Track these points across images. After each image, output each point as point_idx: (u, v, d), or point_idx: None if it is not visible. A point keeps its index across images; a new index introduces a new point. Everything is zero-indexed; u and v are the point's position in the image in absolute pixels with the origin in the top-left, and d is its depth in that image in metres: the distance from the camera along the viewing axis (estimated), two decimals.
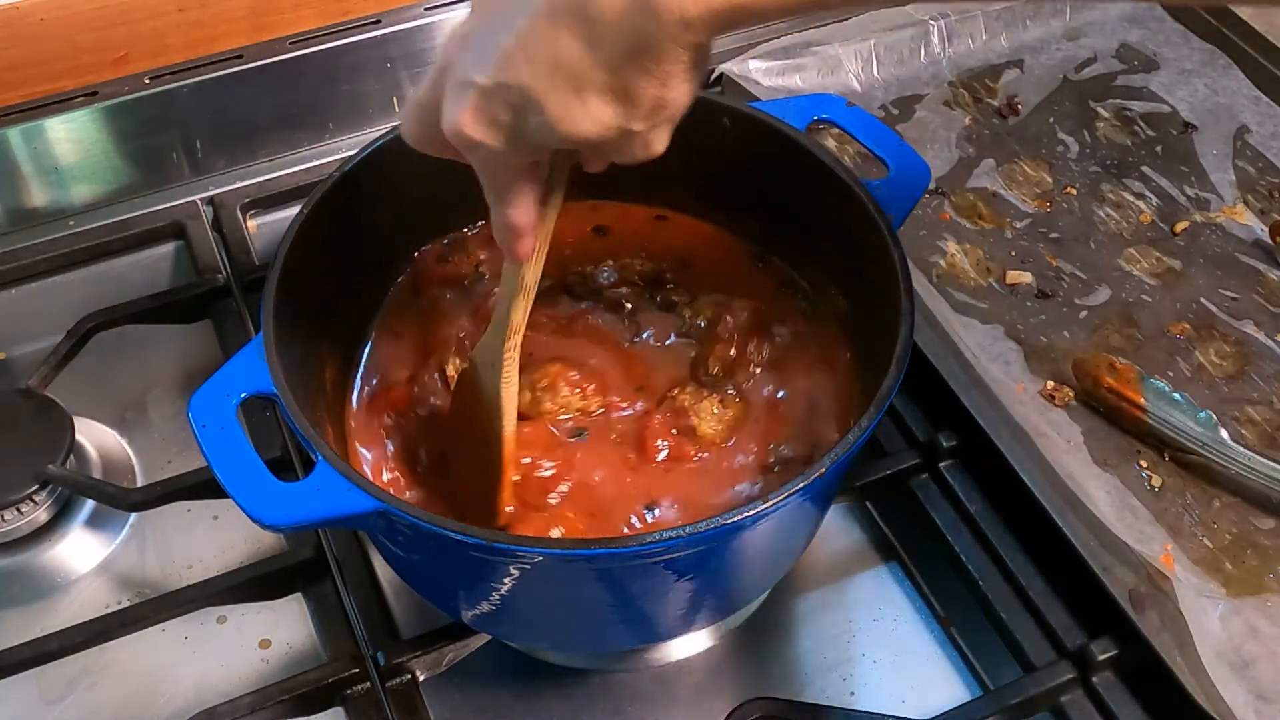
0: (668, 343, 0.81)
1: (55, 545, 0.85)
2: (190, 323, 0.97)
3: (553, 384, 0.77)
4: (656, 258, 0.86)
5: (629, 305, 0.82)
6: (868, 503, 0.87)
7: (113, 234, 1.01)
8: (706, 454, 0.74)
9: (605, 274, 0.84)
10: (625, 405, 0.77)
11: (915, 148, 0.80)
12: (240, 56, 1.05)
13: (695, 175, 0.86)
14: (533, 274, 0.68)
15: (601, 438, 0.75)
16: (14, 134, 1.00)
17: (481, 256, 0.86)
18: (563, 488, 0.73)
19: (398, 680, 0.76)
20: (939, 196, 1.03)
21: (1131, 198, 1.04)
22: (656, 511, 0.72)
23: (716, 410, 0.75)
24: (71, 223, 1.03)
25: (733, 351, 0.78)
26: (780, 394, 0.78)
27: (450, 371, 0.78)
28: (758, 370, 0.79)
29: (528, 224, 0.63)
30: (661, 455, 0.74)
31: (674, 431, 0.74)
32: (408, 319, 0.83)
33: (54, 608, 0.83)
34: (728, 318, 0.80)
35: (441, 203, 0.86)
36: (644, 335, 0.82)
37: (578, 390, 0.77)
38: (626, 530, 0.71)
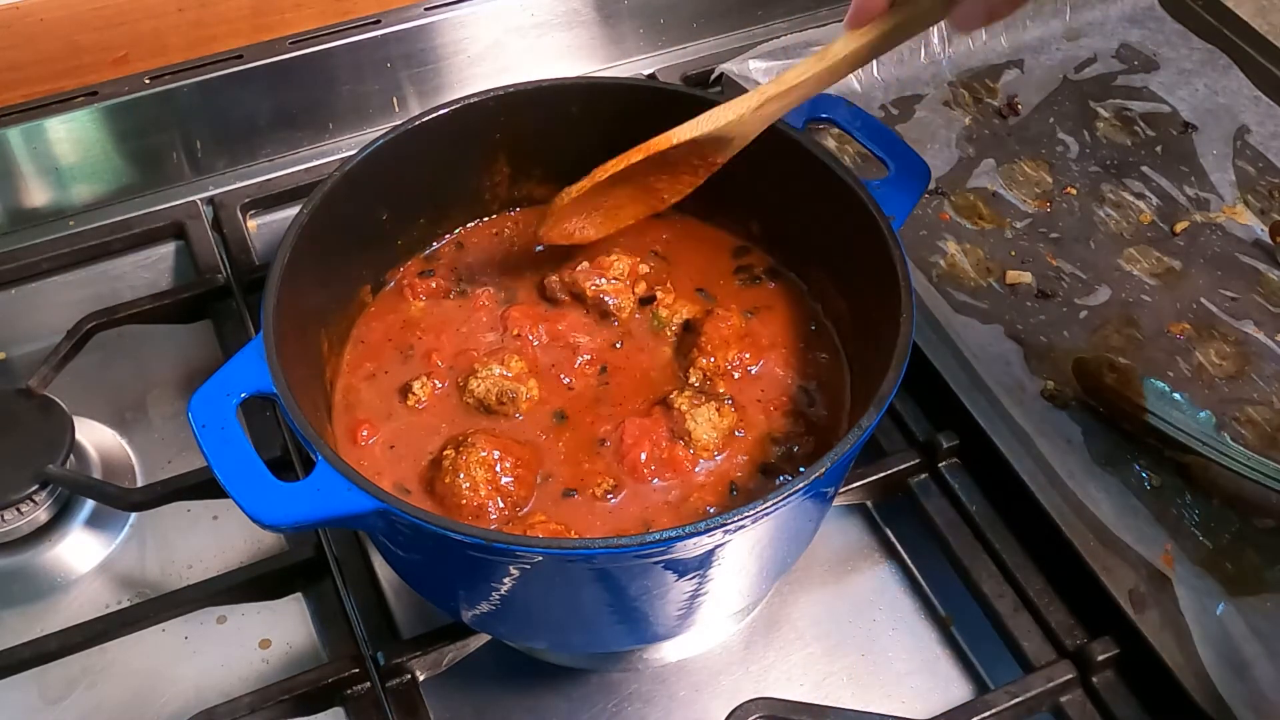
0: (653, 344, 0.81)
1: (55, 545, 0.85)
2: (190, 323, 0.97)
3: (529, 388, 0.77)
4: (640, 255, 0.86)
5: (611, 302, 0.82)
6: (868, 503, 0.87)
7: (113, 234, 1.01)
8: (703, 458, 0.74)
9: (585, 272, 0.83)
10: (619, 408, 0.77)
11: (915, 148, 0.80)
12: (240, 56, 1.05)
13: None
14: (840, 46, 0.69)
15: (591, 438, 0.76)
16: (14, 134, 1.00)
17: (469, 260, 0.87)
18: (552, 488, 0.73)
19: (398, 680, 0.76)
20: (939, 196, 1.03)
21: (1131, 198, 1.04)
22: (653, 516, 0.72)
23: (713, 418, 0.74)
24: (71, 223, 1.03)
25: (717, 357, 0.78)
26: (777, 394, 0.78)
27: (417, 389, 0.78)
28: (753, 372, 0.79)
29: None
30: (657, 458, 0.74)
31: (669, 434, 0.74)
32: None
33: (54, 608, 0.83)
34: (708, 324, 0.80)
35: (441, 204, 0.87)
36: (628, 336, 0.82)
37: (557, 394, 0.78)
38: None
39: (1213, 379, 0.90)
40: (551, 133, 0.85)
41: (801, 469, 0.73)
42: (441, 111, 0.81)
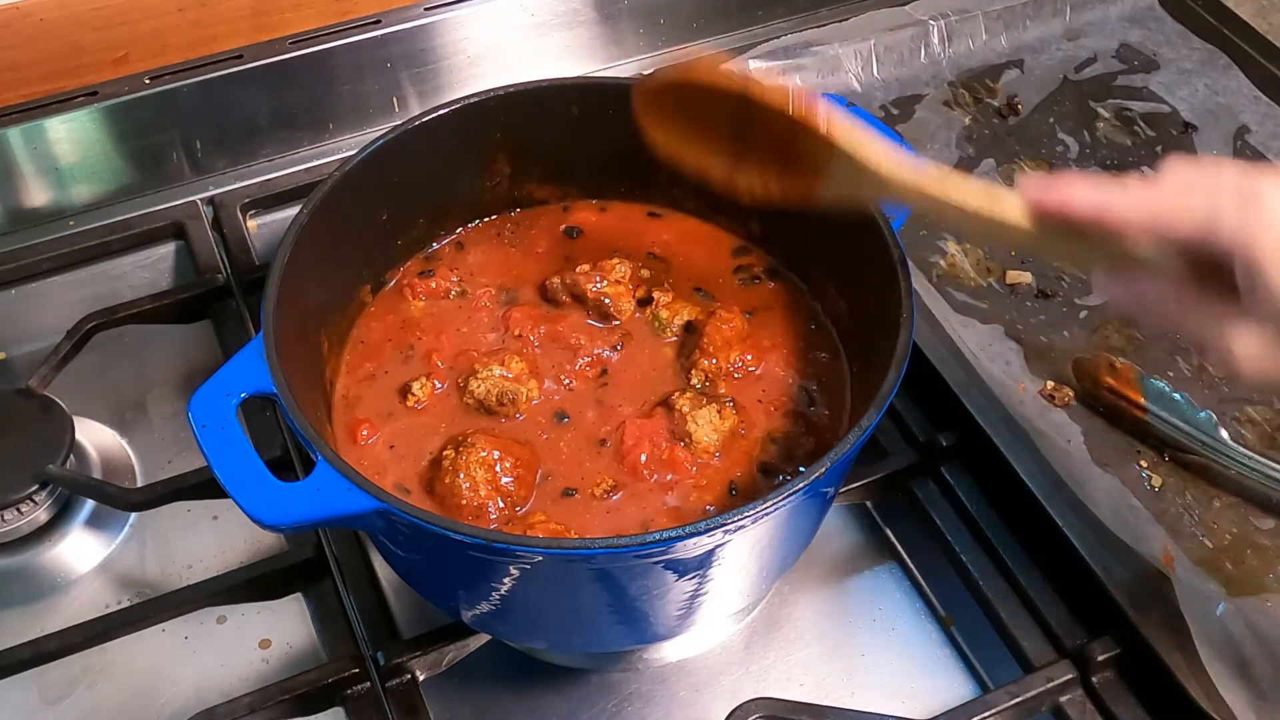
0: (654, 345, 0.81)
1: (55, 545, 0.85)
2: (190, 323, 0.97)
3: (529, 389, 0.77)
4: (640, 257, 0.86)
5: (608, 302, 0.82)
6: (868, 503, 0.87)
7: (113, 234, 1.01)
8: (703, 459, 0.74)
9: (586, 274, 0.83)
10: (619, 409, 0.77)
11: (915, 148, 0.80)
12: (240, 56, 1.05)
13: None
14: (1013, 207, 0.60)
15: (591, 439, 0.76)
16: (14, 134, 1.00)
17: (469, 260, 0.87)
18: (551, 488, 0.73)
19: (398, 680, 0.76)
20: None
21: None
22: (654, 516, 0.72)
23: (714, 420, 0.74)
24: (71, 223, 1.03)
25: (719, 358, 0.78)
26: (778, 394, 0.78)
27: (417, 389, 0.78)
28: (754, 372, 0.79)
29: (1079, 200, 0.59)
30: (657, 459, 0.74)
31: (670, 435, 0.74)
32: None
33: (54, 608, 0.83)
34: (710, 326, 0.80)
35: (441, 204, 0.87)
36: (629, 338, 0.82)
37: (557, 396, 0.78)
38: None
39: (1213, 379, 0.90)
40: (551, 133, 0.85)
41: (801, 469, 0.73)
42: (441, 111, 0.81)
